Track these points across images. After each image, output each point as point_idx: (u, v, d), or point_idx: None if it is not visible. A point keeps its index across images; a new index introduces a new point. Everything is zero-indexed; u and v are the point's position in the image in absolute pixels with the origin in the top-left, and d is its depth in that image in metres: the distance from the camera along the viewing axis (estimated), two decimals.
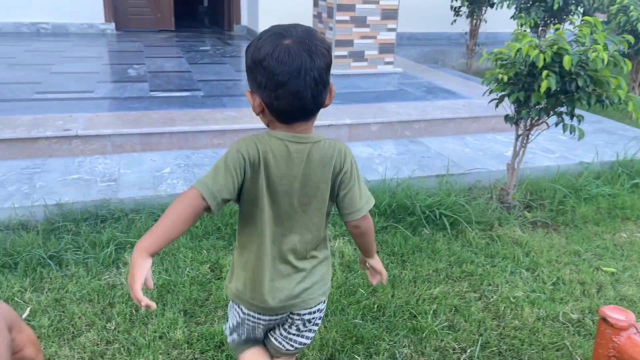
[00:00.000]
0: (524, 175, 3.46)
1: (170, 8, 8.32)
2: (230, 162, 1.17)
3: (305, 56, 1.12)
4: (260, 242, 1.27)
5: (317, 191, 1.26)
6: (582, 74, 2.58)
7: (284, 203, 1.25)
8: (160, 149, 3.53)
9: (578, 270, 2.51)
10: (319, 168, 1.24)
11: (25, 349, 0.44)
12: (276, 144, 1.20)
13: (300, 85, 1.13)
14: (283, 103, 1.15)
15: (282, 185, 1.23)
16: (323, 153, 1.24)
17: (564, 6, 5.60)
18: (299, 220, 1.28)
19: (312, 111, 1.21)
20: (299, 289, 1.32)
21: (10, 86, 4.35)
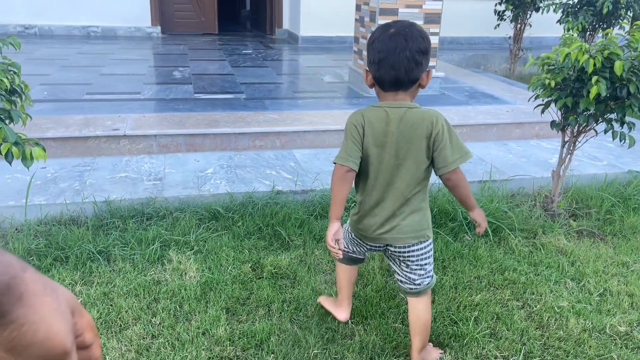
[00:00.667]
0: (570, 183, 3.37)
1: (214, 12, 8.49)
2: (349, 132, 1.65)
3: (401, 40, 1.55)
4: (367, 188, 1.70)
5: (412, 146, 1.62)
6: (634, 80, 2.51)
7: (387, 155, 1.64)
8: (204, 149, 3.60)
9: (626, 281, 2.44)
10: (413, 128, 1.60)
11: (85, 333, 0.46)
12: (376, 111, 1.64)
13: (395, 60, 1.55)
14: (383, 73, 1.59)
15: (383, 140, 1.63)
16: (416, 116, 1.60)
17: (613, 10, 5.45)
18: (401, 176, 1.66)
19: (405, 83, 1.59)
20: (389, 226, 1.70)
21: (63, 87, 4.53)
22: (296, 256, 2.49)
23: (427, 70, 1.62)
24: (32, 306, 0.38)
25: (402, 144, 1.62)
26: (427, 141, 1.60)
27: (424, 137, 1.60)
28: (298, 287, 2.27)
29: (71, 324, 0.42)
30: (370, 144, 1.64)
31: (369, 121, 1.63)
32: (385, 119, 1.62)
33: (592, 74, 2.52)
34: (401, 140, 1.62)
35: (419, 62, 1.56)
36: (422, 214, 1.72)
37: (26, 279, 0.38)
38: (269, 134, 3.70)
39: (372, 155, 1.65)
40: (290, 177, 3.23)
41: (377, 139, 1.63)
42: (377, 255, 2.53)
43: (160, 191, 2.94)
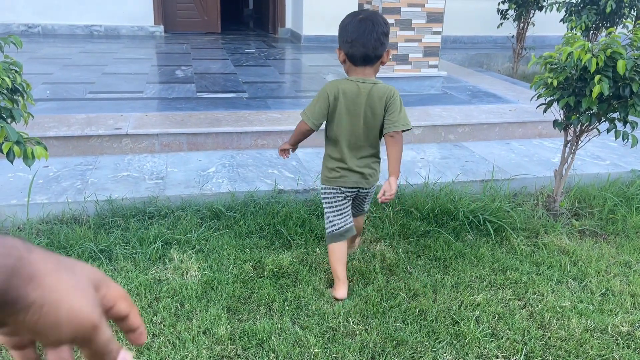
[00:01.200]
0: (572, 183, 3.36)
1: (217, 11, 8.50)
2: (322, 97, 2.08)
3: (369, 23, 1.99)
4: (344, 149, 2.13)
5: (375, 114, 2.07)
6: (636, 79, 2.50)
7: (356, 125, 2.09)
8: (206, 148, 3.61)
9: (628, 281, 2.43)
10: (377, 100, 2.06)
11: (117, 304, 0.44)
12: (350, 84, 2.07)
13: (365, 40, 1.99)
14: (355, 51, 2.02)
15: (355, 112, 2.07)
16: (380, 91, 2.06)
17: (616, 9, 5.43)
18: (362, 137, 2.11)
19: (372, 58, 2.04)
20: (361, 175, 2.17)
21: (66, 86, 4.54)
22: (297, 255, 2.49)
23: (387, 50, 2.08)
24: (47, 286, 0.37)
25: (368, 113, 2.08)
26: (384, 109, 2.07)
27: (383, 108, 2.07)
28: (299, 286, 2.27)
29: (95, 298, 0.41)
30: (343, 111, 2.09)
31: (343, 91, 2.07)
32: (356, 91, 2.07)
33: (595, 73, 2.51)
34: (368, 109, 2.08)
35: (382, 42, 2.03)
36: (379, 165, 2.25)
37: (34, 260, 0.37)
38: (271, 133, 3.70)
39: (345, 120, 2.10)
40: (292, 176, 3.23)
41: (349, 107, 2.08)
42: (378, 253, 2.53)
43: (162, 190, 2.94)
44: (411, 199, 2.98)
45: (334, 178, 2.19)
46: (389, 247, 2.60)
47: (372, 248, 2.60)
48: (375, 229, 2.75)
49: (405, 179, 3.25)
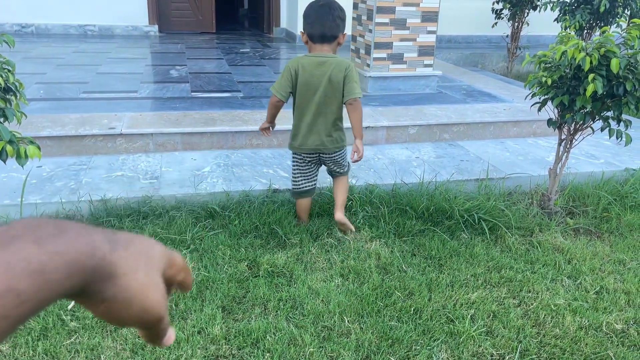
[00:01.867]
0: (567, 181, 3.37)
1: (211, 11, 8.47)
2: (286, 73, 2.43)
3: (327, 8, 2.37)
4: (305, 117, 2.46)
5: (334, 86, 2.40)
6: (630, 78, 2.51)
7: (316, 95, 2.41)
8: (201, 148, 3.60)
9: (623, 279, 2.44)
10: (334, 71, 2.38)
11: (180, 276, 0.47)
12: (309, 59, 2.41)
13: (323, 21, 2.36)
14: (314, 30, 2.39)
15: (314, 83, 2.41)
16: (337, 64, 2.40)
17: (610, 9, 5.45)
18: (325, 105, 2.43)
19: (328, 37, 2.40)
20: (322, 139, 2.49)
21: (60, 85, 4.52)
22: (292, 255, 2.48)
23: (343, 33, 2.44)
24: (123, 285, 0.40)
25: (327, 84, 2.40)
26: (342, 80, 2.39)
27: (341, 78, 2.39)
28: (294, 285, 2.26)
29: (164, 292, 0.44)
30: (304, 83, 2.41)
31: (303, 66, 2.41)
32: (314, 65, 2.40)
33: (589, 71, 2.52)
34: (326, 80, 2.39)
35: (338, 24, 2.40)
36: (341, 132, 2.56)
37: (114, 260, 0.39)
38: None
39: (307, 91, 2.42)
40: (287, 176, 3.22)
41: (308, 79, 2.40)
42: (373, 252, 2.53)
43: (156, 190, 2.93)
44: (406, 198, 2.98)
45: (296, 146, 2.56)
46: (384, 246, 2.60)
47: (367, 247, 2.59)
48: (370, 228, 2.75)
49: (401, 178, 3.25)
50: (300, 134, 2.51)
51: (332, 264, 2.44)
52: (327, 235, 2.67)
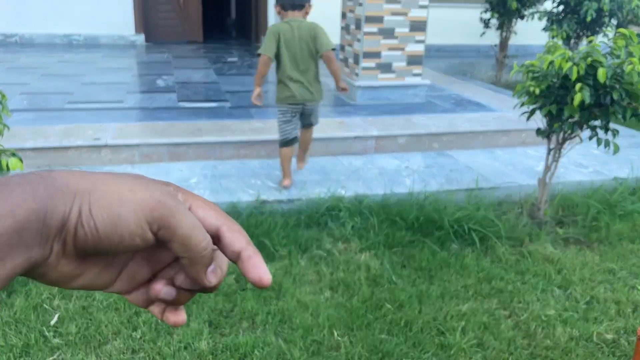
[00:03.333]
0: (556, 190, 3.37)
1: (198, 20, 8.45)
2: (270, 36, 2.89)
3: None
4: (291, 73, 2.93)
5: (308, 45, 2.91)
6: (617, 87, 2.52)
7: (296, 53, 2.91)
8: (188, 159, 3.55)
9: (613, 289, 2.43)
10: (305, 32, 2.90)
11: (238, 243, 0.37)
12: (285, 25, 2.91)
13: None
14: (285, 0, 2.90)
15: (292, 43, 2.90)
16: (306, 25, 2.91)
17: (597, 18, 5.50)
18: (305, 61, 2.93)
19: (298, 6, 2.91)
20: (306, 91, 2.97)
21: (44, 96, 4.46)
22: (281, 267, 2.45)
23: (309, 3, 2.95)
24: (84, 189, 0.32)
25: (302, 43, 2.90)
26: (313, 38, 2.89)
27: (311, 37, 2.90)
28: (283, 298, 2.22)
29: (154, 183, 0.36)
30: (284, 44, 2.89)
31: (282, 31, 2.89)
32: (290, 29, 2.90)
33: (576, 81, 2.52)
34: (301, 40, 2.90)
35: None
36: (319, 84, 3.06)
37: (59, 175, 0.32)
38: (254, 142, 3.66)
39: (288, 51, 2.91)
40: (275, 186, 3.19)
41: (288, 41, 2.89)
42: (362, 264, 2.50)
43: None
44: (396, 208, 2.96)
45: (285, 97, 2.98)
46: (373, 258, 2.57)
47: (357, 259, 2.56)
48: (360, 239, 2.72)
49: (390, 188, 3.23)
50: (289, 88, 2.94)
51: (321, 277, 2.40)
52: (316, 247, 2.63)
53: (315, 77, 3.01)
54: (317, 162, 3.66)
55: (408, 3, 4.52)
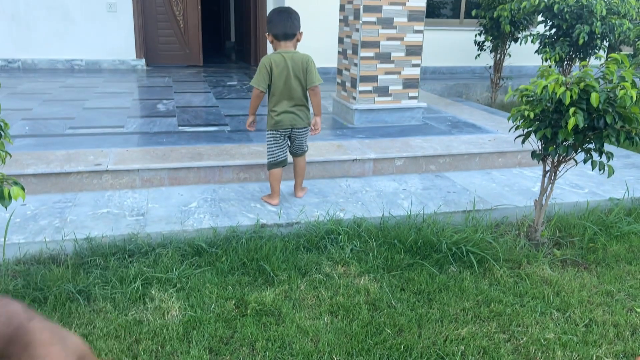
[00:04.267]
0: (553, 212, 3.40)
1: (198, 44, 8.56)
2: (262, 69, 3.05)
3: (286, 13, 3.06)
4: (281, 101, 3.12)
5: (298, 76, 3.10)
6: (610, 111, 2.56)
7: (287, 83, 3.08)
8: (188, 183, 3.58)
9: (611, 311, 2.44)
10: (297, 64, 3.08)
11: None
12: (278, 56, 3.07)
13: (284, 23, 3.04)
14: (278, 30, 3.05)
15: (284, 74, 3.07)
16: (298, 57, 3.09)
17: (589, 41, 5.59)
18: (294, 91, 3.11)
19: (289, 35, 3.07)
20: (295, 117, 3.17)
21: (46, 121, 4.50)
22: (281, 292, 2.46)
23: (300, 32, 3.12)
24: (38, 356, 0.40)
25: (293, 74, 3.08)
26: (304, 70, 3.08)
27: (304, 68, 3.09)
28: (283, 324, 2.23)
29: None
30: (277, 74, 3.06)
31: (275, 62, 3.06)
32: (283, 60, 3.06)
33: (570, 105, 2.57)
34: (291, 71, 3.07)
35: (295, 25, 3.09)
36: (307, 111, 3.23)
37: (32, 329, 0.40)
38: (253, 166, 3.70)
39: (280, 81, 3.07)
40: (274, 210, 3.21)
41: (280, 71, 3.06)
42: (362, 288, 2.51)
43: (142, 227, 2.90)
44: (394, 231, 2.98)
45: (274, 123, 3.16)
46: (373, 281, 2.59)
47: (356, 282, 2.58)
48: (359, 262, 2.74)
49: (388, 211, 3.26)
50: (278, 115, 3.14)
51: (321, 301, 2.42)
52: (316, 270, 2.65)
53: (304, 104, 3.18)
54: (316, 184, 3.69)
55: (403, 28, 4.61)
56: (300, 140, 3.27)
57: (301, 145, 3.30)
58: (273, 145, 3.22)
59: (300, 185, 3.45)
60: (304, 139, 3.28)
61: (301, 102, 3.16)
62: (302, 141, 3.28)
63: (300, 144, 3.29)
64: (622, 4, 5.64)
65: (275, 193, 3.31)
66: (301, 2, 7.44)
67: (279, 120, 3.14)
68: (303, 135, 3.26)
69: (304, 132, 3.25)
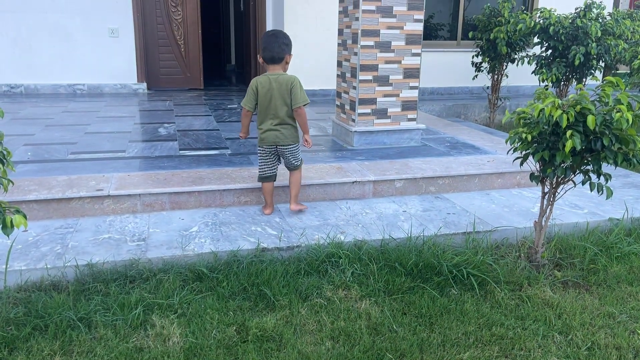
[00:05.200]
0: (553, 233, 3.41)
1: (199, 68, 8.65)
2: (250, 90, 3.32)
3: (274, 37, 3.29)
4: (265, 119, 3.35)
5: (283, 96, 3.29)
6: (607, 133, 2.59)
7: (272, 103, 3.30)
8: (189, 207, 3.60)
9: (613, 334, 2.43)
10: (282, 85, 3.27)
11: None
12: (264, 78, 3.30)
13: (271, 47, 3.27)
14: (266, 54, 3.28)
15: (268, 95, 3.29)
16: (284, 79, 3.29)
17: (585, 61, 5.66)
18: (278, 110, 3.31)
19: (276, 59, 3.28)
20: (277, 135, 3.37)
21: (48, 147, 4.54)
22: (282, 317, 2.46)
23: (289, 54, 3.33)
24: None
25: (277, 95, 3.27)
26: (289, 92, 3.27)
27: (288, 90, 3.27)
28: (284, 350, 2.23)
29: None
30: (262, 95, 3.29)
31: (260, 83, 3.29)
32: (268, 82, 3.28)
33: (567, 128, 2.60)
34: (277, 92, 3.27)
35: (283, 49, 3.28)
36: (293, 129, 3.41)
37: None
38: (254, 189, 3.72)
39: (265, 101, 3.30)
40: (275, 233, 3.22)
41: (265, 92, 3.28)
42: (363, 312, 2.51)
43: (143, 252, 2.91)
44: (395, 254, 2.99)
45: (260, 140, 3.41)
46: (374, 305, 2.58)
47: (357, 306, 2.57)
48: (360, 286, 2.74)
49: (389, 233, 3.27)
50: (262, 132, 3.38)
51: (322, 326, 2.41)
52: (317, 295, 2.65)
53: (288, 122, 3.37)
54: (316, 207, 3.71)
55: (401, 52, 4.67)
56: (288, 157, 3.44)
57: (290, 161, 3.45)
58: (261, 161, 3.47)
59: (294, 198, 3.55)
60: (291, 155, 3.43)
61: (285, 121, 3.35)
62: (289, 157, 3.44)
63: (289, 160, 3.45)
64: (617, 25, 5.72)
65: (267, 204, 3.57)
66: (300, 26, 7.56)
67: (263, 137, 3.38)
68: (289, 152, 3.42)
69: (290, 148, 3.42)
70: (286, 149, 3.41)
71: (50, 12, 7.49)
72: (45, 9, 7.46)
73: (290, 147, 3.42)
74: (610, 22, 5.73)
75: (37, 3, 7.41)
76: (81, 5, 7.58)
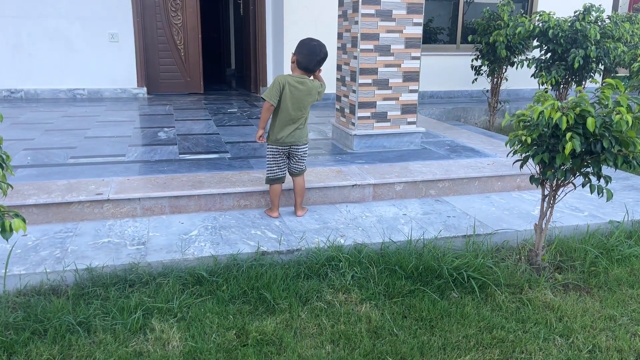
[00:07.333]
0: (553, 235, 3.40)
1: (199, 72, 8.67)
2: (276, 84, 3.29)
3: (318, 50, 3.34)
4: (285, 119, 3.35)
5: (307, 97, 3.36)
6: (606, 135, 2.59)
7: (295, 105, 3.33)
8: (189, 211, 3.60)
9: (614, 336, 2.42)
10: (309, 89, 3.35)
11: None
12: (292, 79, 3.32)
13: (311, 58, 3.33)
14: (302, 60, 3.32)
15: (295, 96, 3.32)
16: (311, 84, 3.36)
17: (584, 64, 5.66)
18: (299, 112, 3.36)
19: (310, 70, 3.36)
20: (295, 135, 3.40)
21: (47, 151, 4.54)
22: (282, 320, 2.45)
23: (320, 69, 3.43)
24: None
25: (302, 97, 3.34)
26: (314, 95, 3.39)
27: (314, 94, 3.38)
28: (284, 354, 2.22)
29: None
30: (288, 95, 3.30)
31: (289, 83, 3.30)
32: (297, 85, 3.31)
33: (566, 130, 2.59)
34: (303, 94, 3.33)
35: (320, 63, 3.37)
36: (306, 130, 3.48)
37: None
38: (253, 193, 3.71)
39: (288, 101, 3.31)
40: (275, 237, 3.22)
41: (292, 92, 3.30)
42: (363, 316, 2.50)
43: (143, 256, 2.91)
44: (395, 257, 2.98)
45: (275, 139, 3.39)
46: (374, 308, 2.58)
47: (357, 310, 2.57)
48: (360, 289, 2.73)
49: (389, 237, 3.26)
50: (280, 131, 3.37)
51: (322, 329, 2.40)
52: (317, 298, 2.64)
53: (305, 123, 3.44)
54: (316, 210, 3.70)
55: (401, 55, 4.67)
56: (300, 157, 3.47)
57: (301, 162, 3.48)
58: (272, 162, 3.44)
59: (300, 204, 3.59)
60: (303, 155, 3.48)
61: (303, 120, 3.42)
62: (302, 158, 3.47)
63: (300, 161, 3.48)
64: (616, 28, 5.73)
65: (274, 206, 3.54)
66: (299, 30, 7.57)
67: (281, 137, 3.37)
68: (303, 152, 3.47)
69: (304, 148, 3.47)
70: (300, 148, 3.45)
71: (51, 18, 7.51)
72: (45, 14, 7.48)
73: (304, 147, 3.48)
74: (609, 25, 5.74)
75: (37, 8, 7.43)
76: (81, 10, 7.60)
